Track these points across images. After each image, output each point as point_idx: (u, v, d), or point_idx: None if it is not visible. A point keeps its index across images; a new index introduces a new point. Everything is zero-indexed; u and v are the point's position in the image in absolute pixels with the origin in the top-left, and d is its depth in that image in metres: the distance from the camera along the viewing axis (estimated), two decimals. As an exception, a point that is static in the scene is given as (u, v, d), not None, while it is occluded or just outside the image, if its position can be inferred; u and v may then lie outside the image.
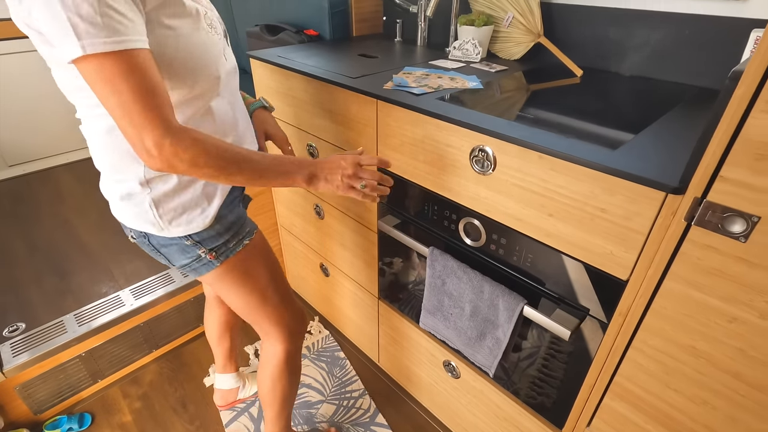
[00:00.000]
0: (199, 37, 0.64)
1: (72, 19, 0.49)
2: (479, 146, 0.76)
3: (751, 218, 0.51)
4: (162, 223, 0.72)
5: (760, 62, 0.44)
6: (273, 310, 0.90)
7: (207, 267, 0.79)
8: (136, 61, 0.53)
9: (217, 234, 0.77)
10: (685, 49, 0.93)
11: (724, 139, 0.49)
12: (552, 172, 0.68)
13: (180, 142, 0.56)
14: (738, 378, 0.60)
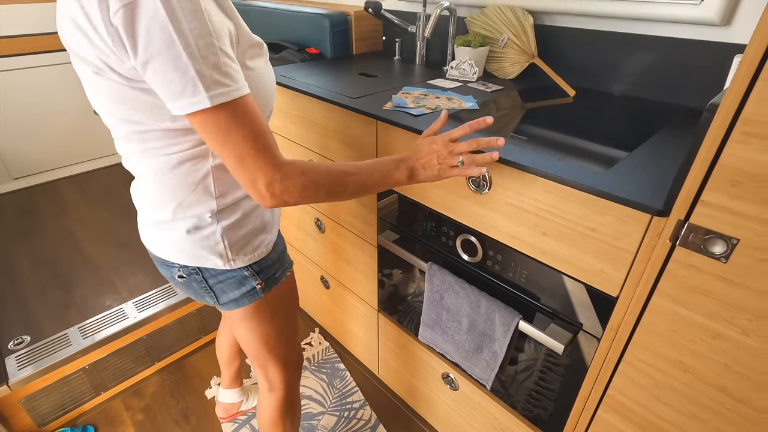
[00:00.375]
0: (268, 72, 0.66)
1: (202, 71, 0.49)
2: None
3: (731, 240, 0.53)
4: (231, 254, 0.71)
5: (734, 97, 0.48)
6: (284, 351, 0.89)
7: (251, 299, 0.78)
8: (246, 107, 0.54)
9: (272, 263, 0.78)
10: (674, 71, 0.97)
11: (704, 166, 0.52)
12: (545, 193, 0.71)
13: (289, 178, 0.57)
14: (724, 392, 0.62)
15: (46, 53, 2.24)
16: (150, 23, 0.47)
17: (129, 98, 0.56)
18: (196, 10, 0.49)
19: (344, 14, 1.49)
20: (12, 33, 2.16)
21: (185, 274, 0.74)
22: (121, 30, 0.48)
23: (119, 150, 0.69)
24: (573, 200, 0.68)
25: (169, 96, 0.51)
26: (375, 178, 0.67)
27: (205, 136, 0.55)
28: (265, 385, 0.94)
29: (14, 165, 2.35)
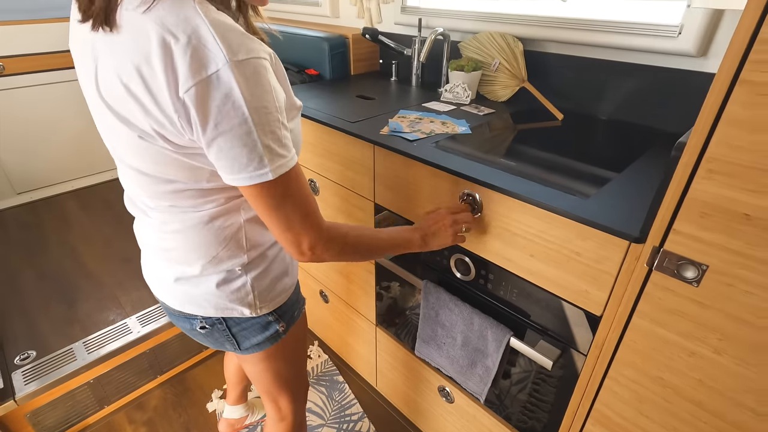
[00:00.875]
0: (301, 134, 0.68)
1: (269, 145, 0.51)
2: (467, 191, 0.84)
3: (701, 266, 0.58)
4: (259, 303, 0.72)
5: (698, 138, 0.52)
6: (295, 382, 0.91)
7: (272, 341, 0.78)
8: (297, 175, 0.56)
9: (292, 303, 0.79)
10: (655, 98, 1.02)
11: (675, 199, 0.57)
12: (533, 218, 0.75)
13: (330, 241, 0.61)
14: (700, 407, 0.66)
15: (49, 71, 2.29)
16: (224, 101, 0.47)
17: (171, 161, 0.56)
18: (266, 87, 0.50)
19: (343, 37, 1.54)
20: (17, 53, 2.21)
21: (208, 324, 0.74)
22: (192, 107, 0.48)
23: (137, 203, 0.67)
24: (558, 225, 0.72)
25: (231, 169, 0.52)
26: (394, 246, 0.74)
27: (256, 203, 0.56)
28: (275, 415, 0.95)
29: (18, 180, 2.39)
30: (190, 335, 0.78)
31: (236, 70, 0.47)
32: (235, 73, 0.47)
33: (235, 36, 0.49)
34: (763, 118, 0.47)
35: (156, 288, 0.75)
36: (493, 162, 0.87)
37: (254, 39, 0.51)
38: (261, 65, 0.50)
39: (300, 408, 0.97)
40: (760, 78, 0.46)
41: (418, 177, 0.94)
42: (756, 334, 0.57)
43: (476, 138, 1.01)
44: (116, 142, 0.59)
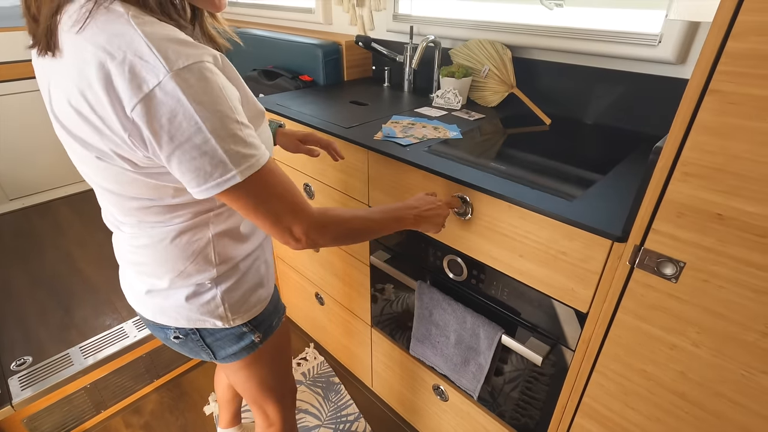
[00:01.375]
0: (269, 140, 0.67)
1: (229, 149, 0.49)
2: (458, 194, 0.87)
3: (679, 263, 0.62)
4: (230, 315, 0.72)
5: (673, 143, 0.56)
6: (281, 389, 0.92)
7: (248, 351, 0.79)
8: (272, 170, 0.55)
9: (269, 314, 0.79)
10: (638, 103, 1.07)
11: (653, 200, 0.61)
12: (521, 219, 0.79)
13: (323, 225, 0.61)
14: (682, 397, 0.70)
15: (43, 77, 2.29)
16: (173, 114, 0.46)
17: (132, 180, 0.55)
18: (215, 90, 0.48)
19: (336, 44, 1.57)
20: (9, 59, 2.21)
21: (181, 335, 0.74)
22: (142, 125, 0.47)
23: (109, 217, 0.68)
24: (545, 226, 0.75)
25: (197, 181, 0.51)
26: (389, 224, 0.72)
27: (237, 206, 0.55)
28: (263, 423, 0.96)
29: (10, 186, 2.38)
30: (167, 344, 0.79)
31: (179, 79, 0.45)
32: (179, 82, 0.45)
33: (173, 45, 0.47)
34: (731, 125, 0.51)
35: (130, 299, 0.76)
36: (484, 166, 0.90)
37: (196, 45, 0.49)
38: (205, 68, 0.48)
39: (288, 414, 0.97)
40: (727, 87, 0.50)
41: (411, 181, 0.97)
42: (729, 327, 0.60)
43: (467, 142, 1.04)
44: (79, 162, 0.59)
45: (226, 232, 0.68)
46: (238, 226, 0.70)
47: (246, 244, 0.72)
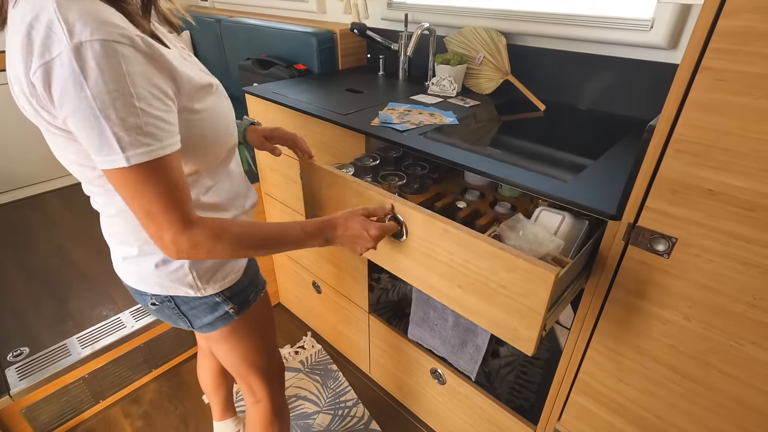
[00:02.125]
0: (222, 109, 0.67)
1: (118, 132, 0.49)
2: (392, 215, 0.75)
3: (671, 239, 0.63)
4: (201, 284, 0.73)
5: (666, 121, 0.58)
6: (265, 364, 0.92)
7: (225, 321, 0.80)
8: (166, 166, 0.54)
9: (244, 287, 0.80)
10: (630, 88, 1.08)
11: (647, 177, 0.62)
12: (457, 246, 0.68)
13: (195, 237, 0.58)
14: (674, 370, 0.72)
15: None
16: (65, 83, 0.47)
17: (78, 148, 0.57)
18: (114, 70, 0.48)
19: (330, 32, 1.57)
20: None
21: (158, 302, 0.76)
22: (39, 87, 0.49)
23: (85, 191, 0.69)
24: (484, 255, 0.65)
25: (90, 150, 0.52)
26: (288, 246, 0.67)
27: (116, 189, 0.55)
28: (250, 398, 0.97)
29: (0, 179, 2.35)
30: (148, 311, 0.80)
31: (78, 53, 0.47)
32: (77, 55, 0.46)
33: (84, 19, 0.47)
34: (721, 101, 0.53)
35: (115, 266, 0.78)
36: (480, 150, 0.91)
37: (115, 24, 0.49)
38: (111, 47, 0.48)
39: (275, 392, 0.97)
40: (718, 65, 0.52)
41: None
42: (719, 300, 0.63)
43: (463, 128, 1.05)
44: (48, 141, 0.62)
45: (195, 202, 0.69)
46: (201, 195, 0.69)
47: (216, 213, 0.73)
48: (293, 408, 1.44)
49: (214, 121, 0.65)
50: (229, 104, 0.71)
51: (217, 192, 0.72)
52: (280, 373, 1.00)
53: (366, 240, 0.70)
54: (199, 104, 0.62)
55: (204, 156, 0.66)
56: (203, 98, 0.62)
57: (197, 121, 0.62)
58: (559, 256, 0.69)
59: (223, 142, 0.69)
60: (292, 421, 1.39)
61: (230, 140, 0.71)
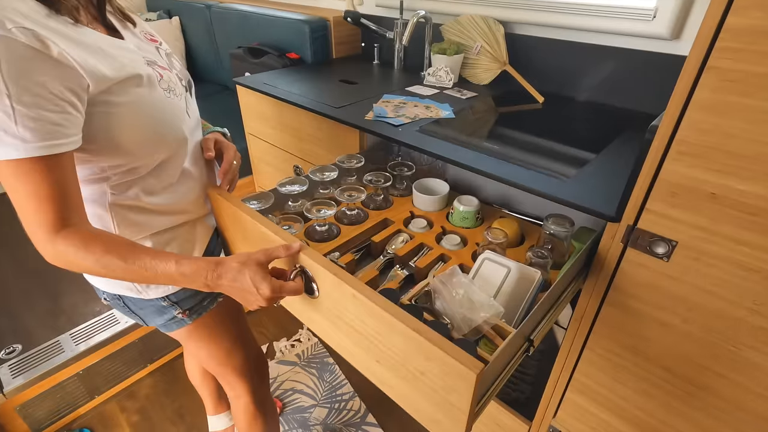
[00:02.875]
0: (158, 103, 0.62)
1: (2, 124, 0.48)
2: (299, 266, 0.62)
3: (671, 242, 0.62)
4: (139, 287, 0.71)
5: (669, 123, 0.55)
6: (238, 362, 0.90)
7: (179, 324, 0.78)
8: (38, 166, 0.51)
9: (194, 293, 0.76)
10: (630, 80, 1.06)
11: (647, 179, 0.60)
12: (369, 317, 0.55)
13: (60, 246, 0.55)
14: (670, 372, 0.71)
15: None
16: None
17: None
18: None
19: (323, 20, 1.52)
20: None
21: (109, 298, 0.75)
22: None
23: None
24: (397, 332, 0.52)
25: None
26: (160, 281, 0.60)
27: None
28: (230, 392, 0.97)
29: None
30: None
31: None
32: None
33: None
34: (727, 103, 0.51)
35: None
36: (477, 146, 0.89)
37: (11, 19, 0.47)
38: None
39: (255, 387, 0.96)
40: (725, 64, 0.49)
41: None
42: (718, 304, 0.61)
43: (460, 122, 1.03)
44: None
45: (130, 204, 0.66)
46: (143, 196, 0.66)
47: (160, 217, 0.70)
48: (289, 402, 1.44)
49: (139, 115, 0.60)
50: (174, 102, 0.66)
51: (167, 194, 0.69)
52: (258, 367, 0.97)
53: (256, 299, 0.58)
54: (119, 97, 0.57)
55: (133, 152, 0.61)
56: (126, 91, 0.58)
57: (116, 114, 0.57)
58: (500, 323, 0.59)
59: (156, 138, 0.63)
60: (288, 415, 1.40)
61: (170, 137, 0.65)
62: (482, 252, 0.69)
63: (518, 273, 0.64)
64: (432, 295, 0.63)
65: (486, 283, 0.65)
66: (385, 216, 0.88)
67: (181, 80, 0.71)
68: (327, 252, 0.77)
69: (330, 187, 0.89)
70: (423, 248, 0.82)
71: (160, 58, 0.68)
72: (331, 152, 1.14)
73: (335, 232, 0.81)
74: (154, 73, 0.63)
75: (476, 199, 0.87)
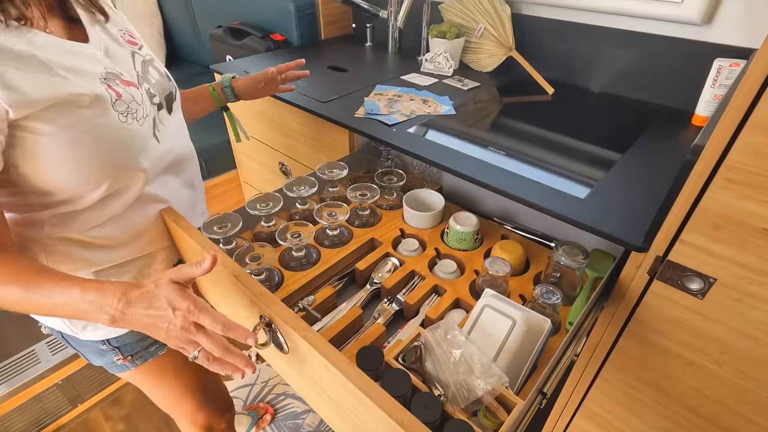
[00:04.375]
0: (102, 132, 0.51)
1: None
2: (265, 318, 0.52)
3: (708, 279, 0.53)
4: (74, 329, 0.63)
5: (719, 143, 0.46)
6: (189, 411, 0.83)
7: (120, 369, 0.71)
8: None
9: (140, 338, 0.68)
10: (653, 69, 0.94)
11: (685, 207, 0.51)
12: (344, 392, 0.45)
13: None
14: (693, 412, 0.64)
15: None
16: None
17: None
18: None
19: (310, -3, 1.38)
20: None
21: (48, 331, 0.68)
22: None
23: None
24: (377, 419, 0.43)
25: None
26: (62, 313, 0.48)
27: None
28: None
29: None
30: None
31: None
32: None
33: None
34: (800, 126, 0.41)
35: None
36: (479, 151, 0.78)
37: None
38: None
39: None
40: (801, 78, 0.39)
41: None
42: (761, 350, 0.53)
43: (461, 119, 0.92)
44: None
45: (71, 237, 0.56)
46: (88, 230, 0.57)
47: (108, 251, 0.60)
48: (281, 407, 1.38)
49: (73, 145, 0.49)
50: (131, 125, 0.54)
51: (114, 224, 0.58)
52: (218, 416, 0.87)
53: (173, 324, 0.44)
54: (47, 124, 0.47)
55: (62, 189, 0.51)
56: (60, 115, 0.47)
57: (42, 143, 0.47)
58: (504, 391, 0.49)
59: (98, 171, 0.52)
60: (281, 421, 1.35)
61: (119, 170, 0.54)
62: (482, 286, 0.60)
63: (525, 326, 0.53)
64: (422, 352, 0.54)
65: (486, 336, 0.55)
66: (372, 235, 0.77)
67: (153, 97, 0.60)
68: (302, 285, 0.67)
69: (308, 201, 0.79)
70: (414, 277, 0.72)
71: (129, 68, 0.57)
72: (318, 152, 1.04)
73: (314, 257, 0.72)
74: (108, 94, 0.51)
75: (475, 217, 0.76)
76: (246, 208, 0.71)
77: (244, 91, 0.85)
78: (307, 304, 0.63)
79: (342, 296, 0.70)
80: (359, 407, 0.45)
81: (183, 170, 0.67)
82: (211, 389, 0.85)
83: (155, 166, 0.60)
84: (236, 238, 0.72)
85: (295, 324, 0.48)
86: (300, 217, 0.77)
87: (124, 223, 0.59)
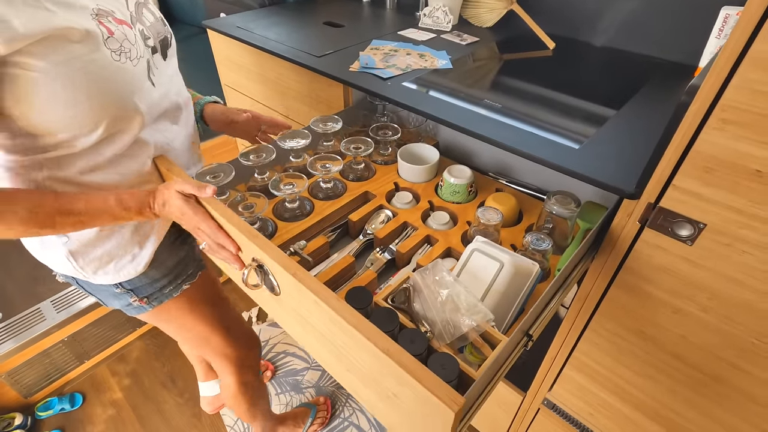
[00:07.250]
0: (94, 69, 0.50)
1: None
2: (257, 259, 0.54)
3: (698, 225, 0.53)
4: (85, 273, 0.64)
5: (715, 81, 0.44)
6: (217, 346, 0.85)
7: (138, 310, 0.72)
8: None
9: (152, 281, 0.69)
10: (656, 21, 0.91)
11: (678, 151, 0.50)
12: (334, 326, 0.47)
13: None
14: (678, 359, 0.66)
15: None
16: None
17: None
18: None
19: (305, -51, 1.32)
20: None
21: (62, 278, 0.69)
22: None
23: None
24: (365, 349, 0.44)
25: None
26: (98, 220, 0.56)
27: None
28: (215, 368, 0.93)
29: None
30: None
31: None
32: None
33: None
34: (798, 59, 0.40)
35: None
36: (477, 103, 0.77)
37: None
38: None
39: (240, 368, 0.91)
40: (802, 6, 0.38)
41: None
42: (745, 295, 0.54)
43: (458, 73, 0.90)
44: None
45: (66, 180, 0.56)
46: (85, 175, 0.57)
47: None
48: (281, 365, 1.43)
49: (66, 82, 0.48)
50: (124, 64, 0.53)
51: (112, 169, 0.59)
52: (244, 351, 0.90)
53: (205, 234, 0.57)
54: (38, 60, 0.46)
55: (56, 128, 0.51)
56: (51, 50, 0.47)
57: (33, 80, 0.47)
58: (489, 329, 0.50)
59: (92, 111, 0.52)
60: (281, 378, 1.39)
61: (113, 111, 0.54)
62: (473, 235, 0.61)
63: (513, 268, 0.54)
64: (411, 293, 0.54)
65: (474, 279, 0.56)
66: (366, 189, 0.77)
67: (147, 39, 0.58)
68: (295, 235, 0.68)
69: (302, 155, 0.78)
70: (407, 228, 0.72)
71: (122, 7, 0.55)
72: (313, 108, 1.02)
73: (308, 208, 0.72)
74: (99, 30, 0.50)
75: (469, 170, 0.76)
76: (239, 159, 0.71)
77: (214, 120, 0.78)
78: (299, 248, 0.63)
79: (335, 247, 0.71)
80: (348, 341, 0.46)
81: (179, 118, 0.66)
82: (234, 328, 0.87)
83: (152, 110, 0.59)
84: (230, 189, 0.72)
85: (286, 264, 0.49)
86: (294, 170, 0.77)
87: (121, 168, 0.59)
